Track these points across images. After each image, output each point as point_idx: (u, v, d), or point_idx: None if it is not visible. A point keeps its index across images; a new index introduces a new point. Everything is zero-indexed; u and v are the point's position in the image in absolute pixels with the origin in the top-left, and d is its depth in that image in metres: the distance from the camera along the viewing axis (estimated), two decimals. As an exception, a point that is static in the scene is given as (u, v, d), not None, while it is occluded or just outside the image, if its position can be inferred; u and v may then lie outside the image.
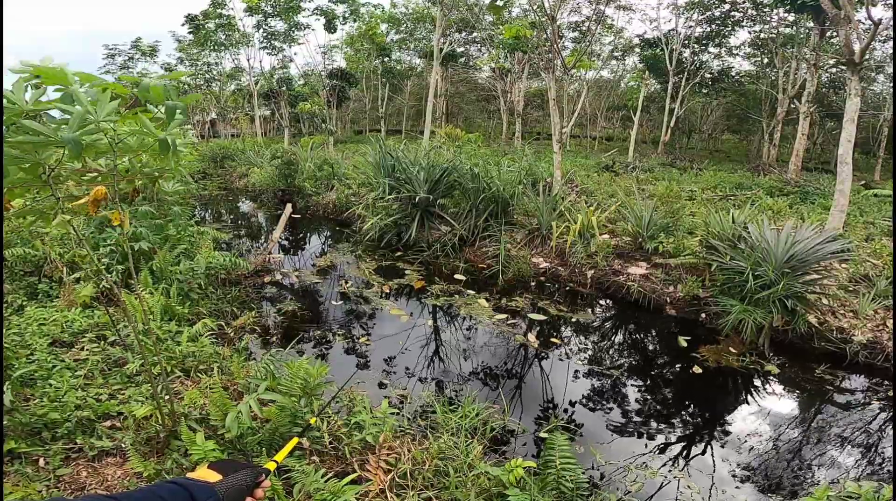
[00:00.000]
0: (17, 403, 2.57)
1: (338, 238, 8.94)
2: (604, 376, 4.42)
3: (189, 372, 3.50)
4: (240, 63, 24.23)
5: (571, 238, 6.85)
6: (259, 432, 2.62)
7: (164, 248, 5.34)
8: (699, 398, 4.27)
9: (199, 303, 5.09)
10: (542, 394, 4.09)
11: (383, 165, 8.75)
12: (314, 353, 4.59)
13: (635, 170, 13.36)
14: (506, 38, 14.09)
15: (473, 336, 5.08)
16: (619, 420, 3.81)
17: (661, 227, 6.63)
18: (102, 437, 2.55)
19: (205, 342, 3.83)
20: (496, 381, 4.25)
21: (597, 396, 4.13)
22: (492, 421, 3.27)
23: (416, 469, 2.55)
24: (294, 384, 2.80)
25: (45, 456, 2.37)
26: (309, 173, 11.69)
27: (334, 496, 2.18)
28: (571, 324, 5.49)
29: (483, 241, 7.64)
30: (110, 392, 3.04)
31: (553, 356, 4.72)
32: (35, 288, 4.57)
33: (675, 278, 6.13)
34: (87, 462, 2.41)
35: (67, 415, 2.62)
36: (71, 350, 3.55)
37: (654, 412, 4.00)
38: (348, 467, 2.57)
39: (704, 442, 3.60)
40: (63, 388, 2.88)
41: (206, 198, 12.92)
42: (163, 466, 2.33)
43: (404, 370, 4.32)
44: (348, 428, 2.83)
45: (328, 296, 6.09)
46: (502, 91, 25.87)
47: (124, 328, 3.86)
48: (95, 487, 2.26)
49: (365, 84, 27.48)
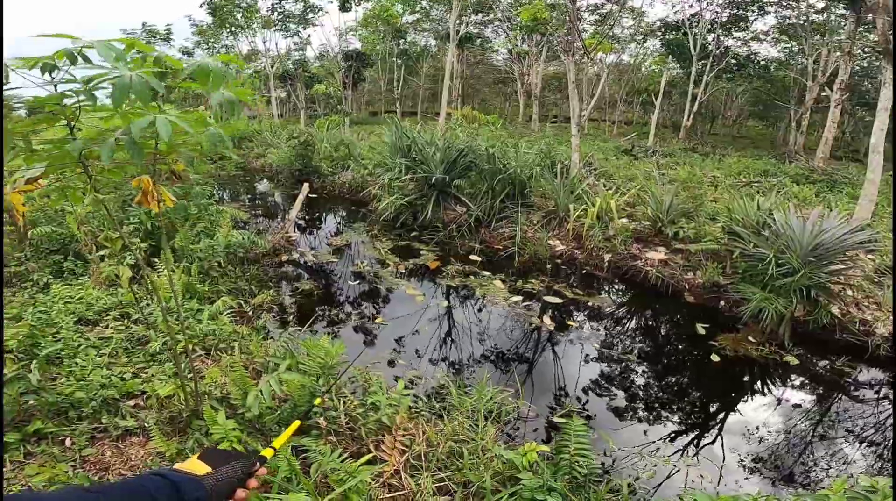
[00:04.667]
0: (44, 382, 2.59)
1: (353, 218, 8.97)
2: (619, 361, 4.40)
3: (209, 351, 3.54)
4: (256, 46, 24.20)
5: (589, 221, 6.76)
6: (277, 411, 2.63)
7: (186, 226, 5.43)
8: (716, 387, 4.23)
9: (218, 281, 5.16)
10: (555, 378, 4.09)
11: (399, 146, 8.70)
12: (329, 332, 4.64)
13: (655, 154, 13.06)
14: (523, 20, 13.76)
15: (488, 318, 5.09)
16: (633, 407, 3.79)
17: (681, 212, 6.50)
18: (126, 416, 2.58)
19: (224, 321, 3.86)
20: (510, 364, 4.26)
21: (611, 381, 4.12)
22: (506, 405, 3.28)
23: (429, 451, 2.58)
24: (313, 362, 2.85)
25: (72, 436, 2.40)
26: (325, 154, 11.70)
27: (350, 476, 2.20)
28: (587, 308, 5.46)
29: (499, 222, 7.59)
30: (134, 371, 3.07)
31: (568, 340, 4.70)
32: (61, 266, 4.63)
33: (694, 264, 6.03)
34: (111, 441, 2.44)
35: (93, 394, 2.64)
36: (96, 328, 3.59)
37: (669, 399, 3.97)
38: (364, 447, 2.60)
39: (719, 432, 3.57)
40: (88, 367, 2.90)
41: (223, 178, 13.04)
42: (185, 445, 2.34)
43: (418, 351, 4.35)
44: (364, 409, 2.84)
45: (343, 275, 6.14)
46: (519, 74, 25.40)
47: (147, 307, 3.91)
48: (119, 467, 2.27)
49: (380, 66, 27.24)
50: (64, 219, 5.32)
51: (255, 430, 2.54)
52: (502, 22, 24.16)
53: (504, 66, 33.04)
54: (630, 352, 4.56)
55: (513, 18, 22.29)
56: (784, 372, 4.38)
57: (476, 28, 26.23)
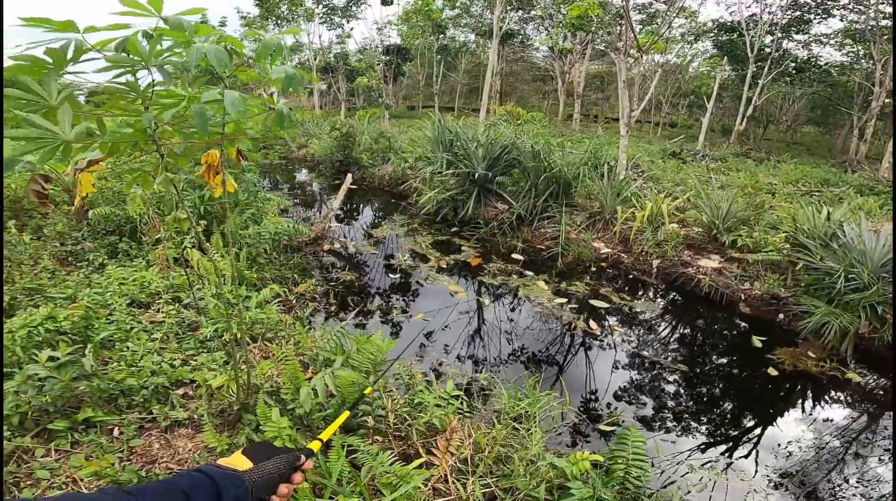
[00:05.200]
0: (96, 368, 2.51)
1: (393, 210, 8.97)
2: (669, 370, 4.19)
3: (256, 340, 3.48)
4: (299, 38, 24.63)
5: (638, 225, 6.50)
6: (325, 407, 2.54)
7: (235, 212, 5.52)
8: (773, 401, 3.98)
9: (264, 268, 5.22)
10: (602, 384, 3.94)
11: (441, 140, 8.63)
12: (370, 325, 4.62)
13: (705, 158, 12.49)
14: (569, 18, 13.38)
15: (532, 319, 4.95)
16: (684, 417, 3.61)
17: (740, 219, 6.15)
18: (176, 407, 2.51)
19: (272, 309, 3.82)
20: (555, 367, 4.13)
21: (660, 390, 3.93)
22: (553, 411, 3.16)
23: (476, 455, 2.49)
24: (363, 358, 2.78)
25: (120, 426, 2.33)
26: (366, 146, 11.76)
27: (402, 480, 2.11)
28: (635, 314, 5.24)
29: (541, 221, 7.42)
30: (183, 358, 3.01)
31: (614, 346, 4.52)
32: (116, 247, 4.72)
33: (752, 274, 5.70)
34: (159, 432, 2.37)
35: (143, 381, 2.59)
36: (148, 312, 3.56)
37: (723, 411, 3.76)
38: (411, 448, 2.52)
39: (775, 448, 3.35)
40: (140, 352, 2.85)
41: (266, 166, 13.34)
42: (235, 441, 2.25)
43: (460, 349, 4.27)
44: (410, 408, 2.76)
45: (384, 268, 6.13)
46: (560, 72, 24.87)
47: (198, 291, 3.83)
48: (166, 461, 2.18)
49: (419, 61, 27.24)
50: (121, 201, 5.51)
51: (302, 426, 2.48)
52: (544, 19, 23.71)
53: (544, 63, 32.47)
54: (681, 361, 4.34)
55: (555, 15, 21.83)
56: (846, 390, 4.09)
57: (517, 25, 25.86)
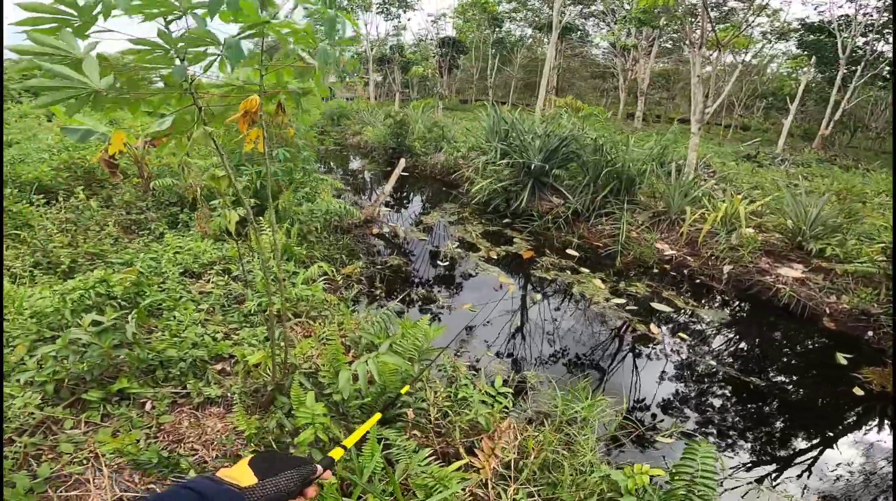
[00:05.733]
0: (139, 336, 2.43)
1: (444, 199, 8.81)
2: (740, 382, 3.76)
3: (300, 316, 3.39)
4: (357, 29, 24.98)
5: (708, 226, 5.97)
6: (363, 396, 2.34)
7: (290, 189, 5.55)
8: (859, 422, 3.48)
9: (314, 247, 5.21)
10: (660, 393, 3.58)
11: (496, 130, 8.38)
12: (413, 312, 4.47)
13: (784, 163, 11.44)
14: (635, 11, 12.62)
15: (587, 318, 4.63)
16: (757, 434, 3.21)
17: (829, 226, 5.49)
18: (211, 383, 2.40)
19: (318, 287, 3.70)
20: (609, 371, 3.81)
21: (728, 403, 3.53)
22: (605, 417, 2.88)
23: (520, 460, 2.25)
24: (408, 344, 2.60)
25: (153, 399, 2.25)
26: (419, 134, 11.71)
27: (439, 483, 1.88)
28: (702, 321, 4.79)
29: (599, 218, 7.00)
30: (226, 331, 2.94)
31: (677, 353, 4.12)
32: (176, 218, 4.85)
33: (840, 286, 5.07)
34: (191, 409, 2.27)
35: (184, 353, 2.49)
36: (199, 282, 3.55)
37: (803, 430, 3.33)
38: (451, 448, 2.29)
39: (861, 472, 2.89)
40: (185, 322, 2.78)
41: (322, 152, 13.60)
42: (265, 425, 2.10)
43: (507, 344, 4.03)
44: (453, 402, 2.54)
45: (432, 255, 5.98)
46: (622, 69, 23.77)
47: (248, 264, 3.84)
48: (193, 441, 2.07)
49: (474, 54, 26.96)
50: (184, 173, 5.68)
51: (338, 414, 2.29)
52: (605, 14, 22.70)
53: (604, 60, 31.24)
54: (754, 374, 3.88)
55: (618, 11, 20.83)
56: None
57: (577, 20, 24.98)
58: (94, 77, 1.20)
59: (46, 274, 3.47)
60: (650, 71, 21.53)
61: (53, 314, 2.57)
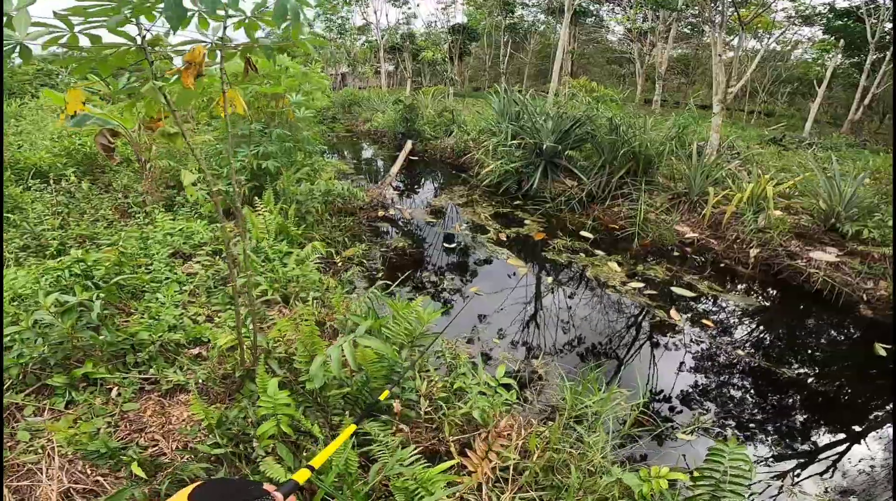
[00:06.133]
0: (107, 317, 2.27)
1: (454, 182, 8.53)
2: (769, 374, 3.45)
3: (289, 299, 3.19)
4: (368, 17, 24.67)
5: (733, 208, 5.60)
6: (345, 384, 2.08)
7: (290, 170, 5.34)
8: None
9: (313, 227, 5.01)
10: (682, 384, 3.29)
11: (507, 112, 8.05)
12: (417, 296, 4.23)
13: (812, 146, 10.87)
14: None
15: (602, 303, 4.35)
16: (784, 430, 2.92)
17: (866, 208, 5.09)
18: (183, 368, 2.24)
19: (310, 267, 3.50)
20: (626, 361, 3.53)
21: (757, 396, 3.23)
22: (621, 411, 2.61)
23: (522, 461, 1.98)
24: (398, 328, 2.31)
25: (121, 385, 2.08)
26: (429, 118, 11.44)
27: (421, 486, 1.61)
28: (728, 307, 4.46)
29: (615, 200, 6.67)
30: (209, 313, 2.79)
31: (701, 341, 3.82)
32: (173, 200, 4.72)
33: (878, 271, 4.69)
34: (158, 396, 2.12)
35: (158, 336, 2.33)
36: (187, 263, 3.42)
37: (843, 426, 3.01)
38: (442, 445, 2.04)
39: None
40: (167, 303, 2.64)
41: (332, 139, 13.42)
42: (228, 414, 1.90)
43: (514, 330, 3.77)
44: (448, 394, 2.27)
45: (439, 237, 5.73)
46: (639, 54, 23.00)
47: (236, 245, 3.72)
48: (154, 431, 1.90)
49: (486, 41, 26.41)
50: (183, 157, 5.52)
51: (314, 405, 2.04)
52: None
53: (620, 45, 30.33)
54: (784, 364, 3.57)
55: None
56: None
57: (591, 4, 24.23)
58: (22, 31, 1.21)
59: (35, 257, 3.32)
60: (668, 56, 20.79)
61: (32, 297, 2.41)
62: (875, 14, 15.25)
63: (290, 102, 5.16)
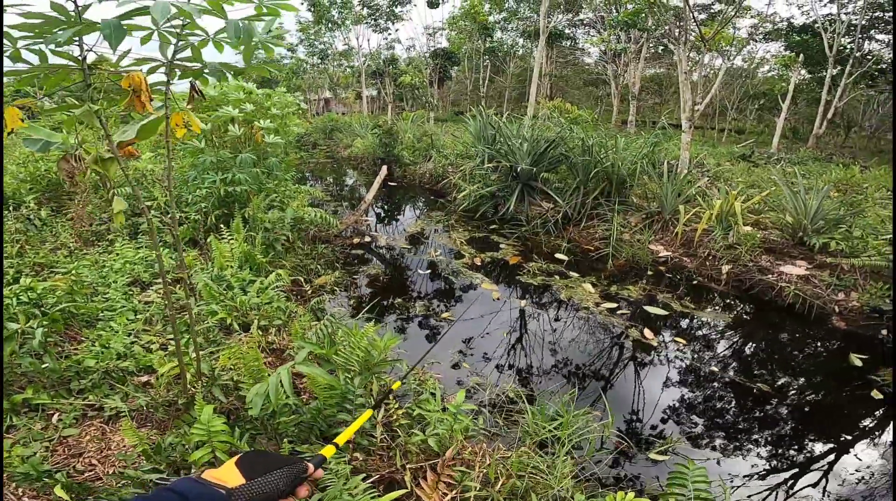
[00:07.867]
0: (51, 346, 2.29)
1: (431, 207, 8.54)
2: (744, 389, 3.42)
3: (248, 327, 3.11)
4: (350, 42, 25.13)
5: (703, 225, 5.67)
6: (300, 412, 2.07)
7: (259, 197, 5.28)
8: (879, 427, 3.14)
9: (284, 256, 4.92)
10: (655, 404, 3.24)
11: (483, 135, 8.16)
12: (388, 323, 4.15)
13: (780, 162, 11.20)
14: (624, 14, 12.53)
15: (574, 325, 4.31)
16: (769, 445, 2.88)
17: (832, 220, 5.20)
18: (128, 395, 2.22)
19: (272, 295, 3.44)
20: (599, 382, 3.48)
21: (733, 413, 3.20)
22: (592, 434, 2.56)
23: (485, 489, 1.92)
24: (353, 355, 2.27)
25: (62, 411, 2.08)
26: (408, 143, 11.53)
27: None
28: (701, 324, 4.46)
29: (590, 221, 6.72)
30: (163, 342, 2.76)
31: (675, 360, 3.79)
32: (137, 228, 4.66)
33: (848, 283, 4.75)
34: (101, 422, 2.10)
35: (105, 364, 2.31)
36: (146, 291, 3.39)
37: (821, 437, 2.99)
38: (398, 474, 2.00)
39: (880, 480, 2.54)
40: (119, 332, 2.63)
41: (313, 165, 13.40)
42: (164, 441, 1.89)
43: (486, 355, 3.71)
44: (409, 420, 2.23)
45: (415, 264, 5.68)
46: (614, 75, 23.75)
47: (196, 274, 3.62)
48: (92, 455, 1.89)
49: (466, 65, 27.06)
50: (149, 183, 5.44)
51: (263, 433, 2.01)
52: (595, 23, 22.75)
53: (596, 67, 31.34)
54: (760, 380, 3.55)
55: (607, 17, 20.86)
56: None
57: (566, 27, 25.08)
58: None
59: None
60: (641, 75, 21.48)
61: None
62: (832, 27, 16.01)
63: (259, 127, 5.14)
